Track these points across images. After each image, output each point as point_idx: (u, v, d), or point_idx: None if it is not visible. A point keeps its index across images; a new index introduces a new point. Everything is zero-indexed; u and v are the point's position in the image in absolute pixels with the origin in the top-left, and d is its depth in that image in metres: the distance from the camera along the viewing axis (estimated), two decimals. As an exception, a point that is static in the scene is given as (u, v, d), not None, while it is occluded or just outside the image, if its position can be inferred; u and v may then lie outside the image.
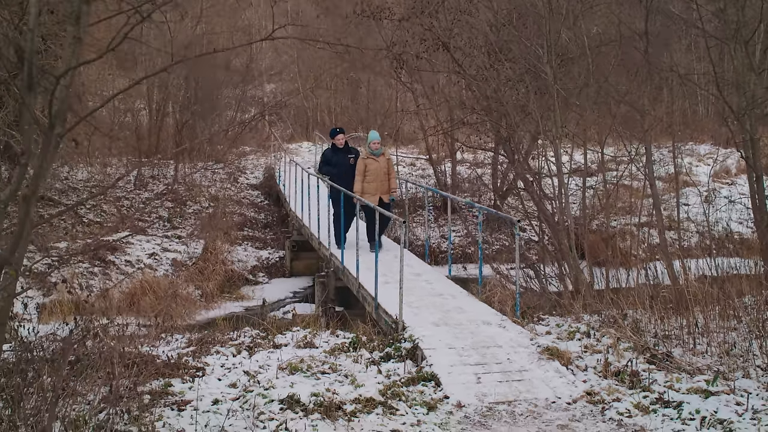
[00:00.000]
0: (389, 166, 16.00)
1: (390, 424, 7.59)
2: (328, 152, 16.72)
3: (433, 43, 18.26)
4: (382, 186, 15.81)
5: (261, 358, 9.67)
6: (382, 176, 15.78)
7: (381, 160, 15.82)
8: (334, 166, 16.31)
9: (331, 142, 16.66)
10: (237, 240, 24.08)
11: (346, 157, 16.32)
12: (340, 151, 16.45)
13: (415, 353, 9.76)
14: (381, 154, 15.88)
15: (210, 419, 7.39)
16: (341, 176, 15.96)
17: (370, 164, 15.73)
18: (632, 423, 7.67)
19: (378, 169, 15.74)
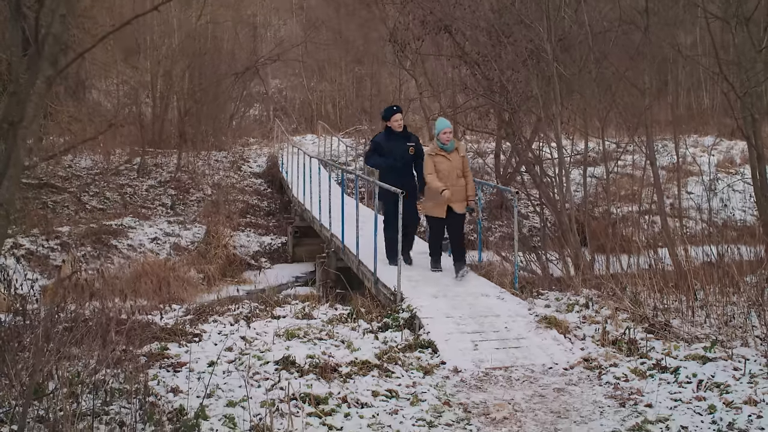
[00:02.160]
0: (464, 164, 11.93)
1: (385, 385, 7.59)
2: (380, 138, 12.75)
3: (434, 27, 18.21)
4: (456, 192, 11.72)
5: (258, 327, 9.66)
6: (454, 179, 11.70)
7: (454, 157, 11.77)
8: (387, 157, 12.51)
9: (385, 126, 12.69)
10: (239, 226, 24.14)
11: (404, 144, 12.54)
12: (396, 137, 12.54)
13: (413, 322, 9.75)
14: (454, 149, 11.81)
15: (205, 379, 7.38)
16: (396, 171, 12.43)
17: (441, 163, 11.71)
18: (629, 386, 7.66)
19: (450, 170, 11.70)
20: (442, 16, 17.65)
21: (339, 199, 15.41)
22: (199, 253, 20.32)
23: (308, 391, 7.05)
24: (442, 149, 11.77)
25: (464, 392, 7.63)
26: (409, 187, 12.00)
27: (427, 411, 6.99)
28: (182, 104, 31.00)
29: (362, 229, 13.73)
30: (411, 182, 12.47)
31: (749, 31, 13.06)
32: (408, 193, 11.54)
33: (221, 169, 30.15)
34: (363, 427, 6.45)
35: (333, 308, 10.95)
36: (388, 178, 12.21)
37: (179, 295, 16.32)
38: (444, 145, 11.75)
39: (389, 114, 12.61)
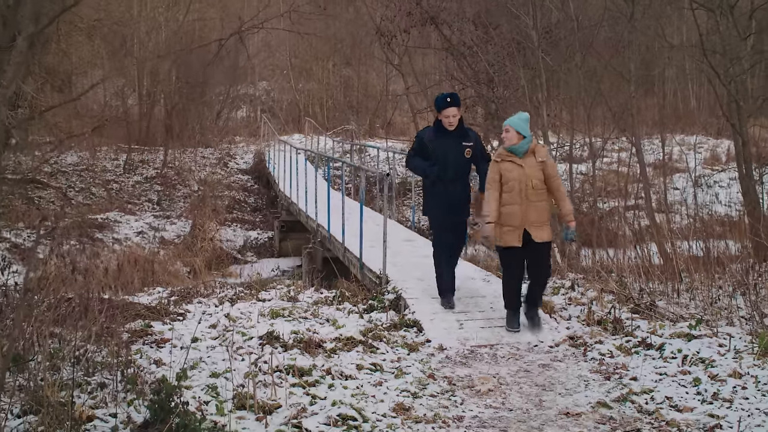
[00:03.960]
0: (547, 173, 8.62)
1: (370, 360, 7.57)
2: (426, 134, 9.65)
3: (420, 18, 18.21)
4: (534, 211, 8.54)
5: (243, 307, 9.63)
6: (530, 192, 8.50)
7: (529, 163, 8.55)
8: (435, 161, 9.47)
9: (435, 119, 9.63)
10: (226, 221, 24.10)
11: (458, 145, 9.45)
12: (449, 134, 9.43)
13: (398, 303, 9.73)
14: (528, 151, 8.59)
15: (189, 354, 7.33)
16: (449, 178, 9.52)
17: (510, 172, 8.55)
18: (614, 362, 7.65)
19: (523, 179, 8.50)
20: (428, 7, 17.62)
21: (325, 192, 15.43)
22: (185, 246, 20.25)
23: (292, 363, 7.01)
24: (511, 152, 8.53)
25: (449, 367, 7.61)
26: (460, 201, 9.57)
27: (411, 383, 6.97)
28: (169, 101, 30.94)
29: (348, 219, 13.72)
30: (465, 196, 9.68)
31: (734, 19, 13.09)
32: (459, 208, 9.55)
33: (208, 165, 30.13)
34: (347, 397, 6.41)
35: (318, 292, 10.91)
36: (433, 189, 9.60)
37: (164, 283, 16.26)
38: (514, 148, 8.51)
39: (441, 104, 9.35)
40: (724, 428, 5.80)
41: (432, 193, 9.72)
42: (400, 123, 39.12)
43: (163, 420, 5.25)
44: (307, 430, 5.68)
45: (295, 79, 42.93)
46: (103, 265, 16.15)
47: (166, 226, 22.26)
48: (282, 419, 5.81)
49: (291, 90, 42.96)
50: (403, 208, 25.19)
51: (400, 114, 38.96)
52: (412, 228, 17.56)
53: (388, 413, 6.18)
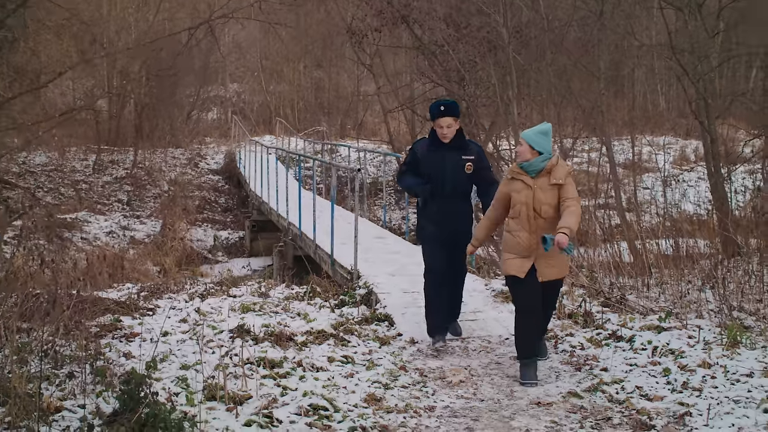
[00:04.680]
0: (562, 196, 6.96)
1: (341, 352, 7.55)
2: (420, 148, 8.17)
3: (391, 17, 18.21)
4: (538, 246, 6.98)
5: (213, 302, 9.58)
6: (538, 220, 7.00)
7: (541, 185, 6.99)
8: (428, 178, 8.03)
9: (431, 129, 8.15)
10: (196, 221, 24.01)
11: (457, 159, 7.97)
12: (445, 148, 7.97)
13: (370, 298, 9.72)
14: (543, 171, 7.01)
15: (159, 347, 7.28)
16: (441, 198, 8.01)
17: (518, 192, 7.07)
18: (584, 354, 7.69)
19: (530, 203, 7.00)
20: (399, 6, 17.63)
21: (296, 191, 15.41)
22: (155, 245, 20.14)
23: (263, 356, 6.98)
24: (522, 170, 7.04)
25: (420, 360, 7.62)
26: (460, 224, 8.10)
27: (383, 374, 6.96)
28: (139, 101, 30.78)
29: (319, 217, 13.72)
30: (465, 218, 8.22)
31: (702, 18, 13.21)
32: (457, 234, 8.04)
33: (178, 165, 29.99)
34: (318, 388, 6.39)
35: (289, 288, 10.88)
36: (426, 209, 8.12)
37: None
38: (527, 165, 6.98)
39: (434, 114, 7.91)
40: (693, 416, 5.83)
41: (425, 215, 8.15)
42: (371, 124, 39.15)
43: (133, 410, 5.19)
44: (278, 420, 5.66)
45: (266, 80, 42.82)
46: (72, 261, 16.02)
47: (136, 226, 22.15)
48: (253, 409, 5.78)
49: (262, 92, 42.86)
50: (375, 207, 25.20)
51: (372, 115, 39.00)
52: (383, 227, 17.55)
53: (359, 404, 6.17)
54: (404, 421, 5.89)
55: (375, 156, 29.94)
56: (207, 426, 5.40)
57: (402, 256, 12.28)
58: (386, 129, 29.99)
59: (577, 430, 5.77)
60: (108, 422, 5.22)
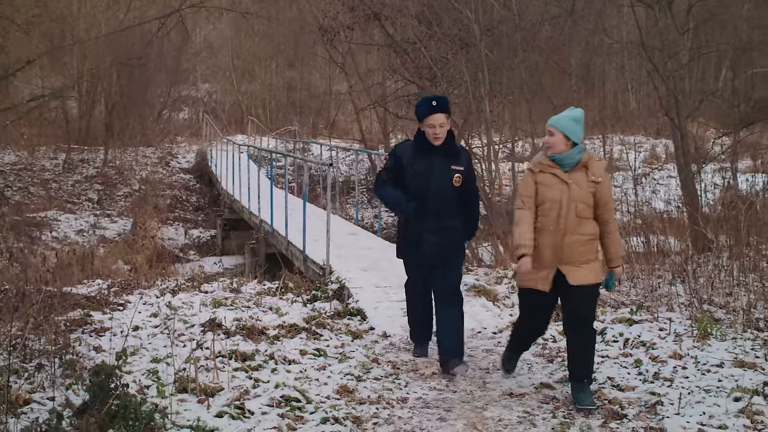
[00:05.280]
0: (601, 196, 6.12)
1: (313, 345, 7.53)
2: (403, 151, 7.10)
3: (363, 14, 18.20)
4: (573, 246, 6.05)
5: (185, 297, 9.51)
6: (571, 220, 6.03)
7: (578, 179, 6.07)
8: (413, 189, 6.96)
9: (418, 130, 7.03)
10: (168, 220, 23.90)
11: (446, 168, 6.90)
12: (433, 154, 6.91)
13: (342, 293, 9.70)
14: (579, 164, 6.08)
15: (129, 342, 7.22)
16: (426, 211, 6.92)
17: (548, 187, 6.10)
18: (556, 346, 7.73)
19: (565, 202, 6.03)
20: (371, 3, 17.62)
21: (268, 189, 15.40)
22: (126, 244, 20.00)
23: (234, 349, 6.94)
24: (554, 162, 6.06)
25: (393, 353, 7.61)
26: (448, 246, 6.99)
27: (355, 367, 6.95)
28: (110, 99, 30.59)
29: (291, 214, 13.69)
30: (454, 239, 7.08)
31: (672, 15, 13.29)
32: (446, 248, 6.99)
33: (149, 164, 29.83)
34: (290, 380, 6.37)
35: (261, 284, 10.82)
36: (409, 227, 7.09)
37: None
38: (558, 158, 6.04)
39: (424, 111, 6.82)
40: (665, 405, 5.87)
41: (408, 232, 7.10)
42: (343, 123, 39.10)
43: (103, 401, 5.14)
44: (250, 411, 5.63)
45: (237, 80, 42.67)
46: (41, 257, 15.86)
47: (106, 225, 22.02)
48: (224, 401, 5.74)
49: (234, 92, 42.70)
50: (347, 206, 25.18)
51: (344, 114, 38.96)
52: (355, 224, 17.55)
53: (332, 395, 6.15)
54: (377, 412, 5.88)
55: (347, 155, 29.96)
56: (178, 417, 5.36)
57: (374, 252, 12.28)
58: (358, 128, 29.98)
59: (549, 419, 5.79)
60: (77, 414, 5.16)
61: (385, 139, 28.29)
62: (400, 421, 5.72)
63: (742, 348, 7.16)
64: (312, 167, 26.43)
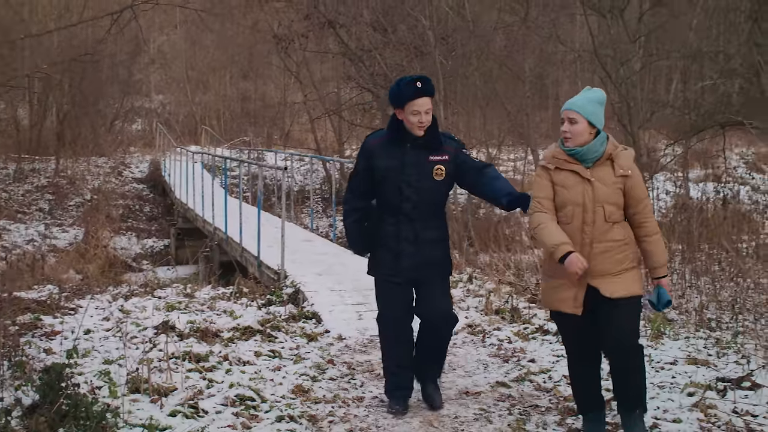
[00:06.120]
0: (634, 193, 4.92)
1: (268, 347, 7.48)
2: (375, 144, 5.80)
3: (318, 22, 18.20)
4: (605, 255, 4.90)
5: (137, 302, 9.41)
6: (599, 226, 4.89)
7: (602, 177, 4.89)
8: (381, 192, 5.80)
9: (392, 117, 5.76)
10: (120, 230, 23.66)
11: (423, 162, 5.63)
12: (407, 146, 5.65)
13: (297, 297, 9.66)
14: (603, 157, 4.90)
15: (81, 345, 7.11)
16: (404, 217, 5.71)
17: (568, 188, 4.96)
18: (512, 347, 7.74)
19: (589, 204, 4.89)
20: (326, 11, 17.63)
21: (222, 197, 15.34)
22: (78, 253, 19.76)
23: (188, 350, 6.87)
24: (573, 156, 4.93)
25: (348, 354, 7.57)
26: (429, 256, 5.71)
27: (310, 367, 6.91)
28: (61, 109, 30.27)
29: (246, 222, 13.63)
30: (437, 246, 5.77)
31: (624, 23, 13.45)
32: (427, 267, 5.72)
33: (101, 174, 29.52)
34: (245, 380, 6.31)
35: (215, 289, 10.74)
36: (381, 232, 5.79)
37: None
38: (577, 151, 4.91)
39: (405, 94, 5.53)
40: (620, 401, 5.89)
41: (379, 242, 5.81)
42: (298, 133, 38.99)
43: (53, 401, 5.07)
44: (203, 410, 5.57)
45: (191, 91, 42.42)
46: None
47: (58, 234, 21.74)
48: (178, 400, 5.67)
49: (188, 103, 42.44)
50: (302, 215, 25.11)
51: (298, 124, 38.87)
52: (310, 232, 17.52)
53: (287, 395, 6.11)
54: (332, 410, 5.84)
55: (302, 164, 29.88)
56: (130, 416, 5.29)
57: (329, 257, 12.25)
58: (313, 137, 29.94)
59: (505, 416, 5.78)
60: (27, 413, 5.07)
61: (340, 147, 28.29)
62: (356, 419, 5.68)
63: (695, 346, 7.24)
64: (267, 176, 26.35)
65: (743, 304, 8.99)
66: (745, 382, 6.00)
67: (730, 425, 5.29)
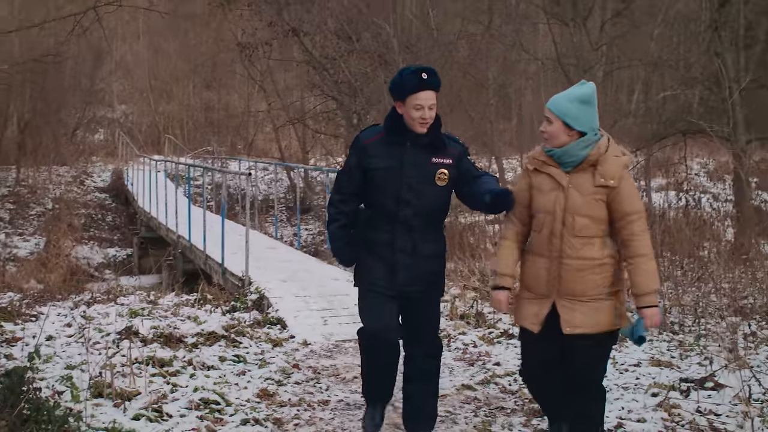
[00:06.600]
0: (619, 207, 4.37)
1: (233, 352, 7.44)
2: (368, 140, 5.02)
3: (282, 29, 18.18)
4: (575, 274, 4.39)
5: (100, 308, 9.31)
6: (568, 239, 4.40)
7: (580, 184, 4.41)
8: (373, 196, 5.07)
9: (390, 111, 4.97)
10: (83, 239, 23.43)
11: (425, 164, 4.92)
12: (410, 143, 4.93)
13: (262, 303, 9.61)
14: (586, 161, 4.40)
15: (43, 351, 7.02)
16: (401, 225, 4.96)
17: (543, 193, 4.51)
18: (477, 351, 7.76)
19: (559, 213, 4.42)
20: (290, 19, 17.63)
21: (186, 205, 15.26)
22: (39, 263, 19.53)
23: (152, 355, 6.81)
24: (552, 156, 4.49)
25: (314, 359, 7.54)
26: (425, 270, 5.01)
27: (275, 372, 6.88)
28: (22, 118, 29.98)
29: (209, 230, 13.57)
30: (434, 260, 5.07)
31: (587, 31, 13.56)
32: (422, 282, 5.03)
33: (63, 183, 29.25)
34: (209, 384, 6.26)
35: (179, 296, 10.65)
36: (372, 239, 5.07)
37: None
38: (557, 152, 4.45)
39: (409, 85, 4.82)
40: (585, 402, 5.92)
41: (368, 249, 5.09)
42: (262, 143, 38.82)
43: (14, 404, 4.99)
44: (168, 414, 5.53)
45: (154, 101, 42.15)
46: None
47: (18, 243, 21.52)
48: (141, 404, 5.62)
49: (151, 112, 42.17)
50: (266, 224, 25.04)
51: (262, 134, 38.71)
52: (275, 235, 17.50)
53: (252, 398, 6.08)
54: (298, 413, 5.81)
55: (266, 173, 29.81)
56: (93, 420, 5.24)
57: (294, 264, 12.23)
58: (278, 146, 29.85)
59: (471, 418, 5.79)
60: (-13, 417, 5.00)
61: (304, 156, 28.25)
62: (322, 422, 5.66)
63: (658, 349, 7.32)
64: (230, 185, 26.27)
65: (705, 308, 9.08)
66: (708, 383, 6.06)
67: (694, 424, 5.34)
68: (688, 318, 8.67)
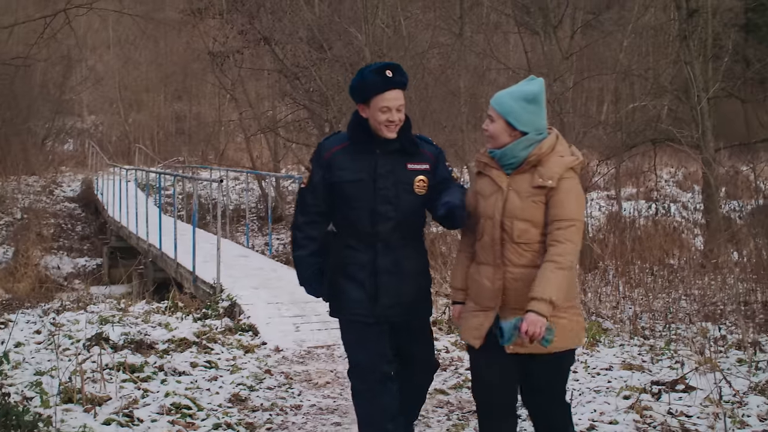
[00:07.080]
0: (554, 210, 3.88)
1: (204, 358, 7.40)
2: (332, 149, 4.42)
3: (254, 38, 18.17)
4: (517, 283, 3.90)
5: (70, 316, 9.24)
6: (508, 245, 3.93)
7: (518, 185, 3.97)
8: (343, 212, 4.45)
9: (353, 116, 4.42)
10: (52, 249, 23.21)
11: (399, 168, 4.35)
12: (380, 150, 4.35)
13: (233, 310, 9.57)
14: (526, 162, 3.97)
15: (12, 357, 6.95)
16: (378, 241, 4.36)
17: (486, 196, 4.07)
18: (449, 356, 7.79)
19: (497, 217, 3.98)
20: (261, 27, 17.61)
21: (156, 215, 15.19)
22: (7, 272, 19.35)
23: (123, 361, 6.76)
24: (493, 159, 4.09)
25: (286, 365, 7.53)
26: (409, 289, 4.41)
27: (248, 377, 6.86)
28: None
29: (180, 239, 13.50)
30: (419, 277, 4.50)
31: (557, 39, 13.65)
32: (408, 305, 4.42)
33: (32, 193, 28.99)
34: (181, 389, 6.23)
35: (150, 304, 10.58)
36: (347, 260, 4.43)
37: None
38: (499, 152, 4.04)
39: (375, 85, 4.24)
40: (557, 404, 5.94)
41: (345, 272, 4.44)
42: (233, 152, 38.69)
43: (-18, 410, 4.95)
44: (138, 419, 5.49)
45: (125, 111, 41.95)
46: None
47: (-14, 254, 21.31)
48: (112, 410, 5.58)
49: (121, 123, 41.96)
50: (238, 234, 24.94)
51: (233, 143, 38.59)
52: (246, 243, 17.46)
53: (224, 403, 6.07)
54: (270, 418, 5.80)
55: (237, 183, 29.69)
56: (63, 425, 5.21)
57: (265, 271, 12.20)
58: (249, 156, 29.76)
59: (444, 421, 5.82)
60: (-45, 423, 4.95)
61: (275, 166, 28.20)
62: (294, 427, 5.66)
63: (629, 353, 7.36)
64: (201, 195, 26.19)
65: (676, 314, 9.17)
66: (679, 385, 6.11)
67: (666, 425, 5.37)
68: (659, 323, 8.75)
